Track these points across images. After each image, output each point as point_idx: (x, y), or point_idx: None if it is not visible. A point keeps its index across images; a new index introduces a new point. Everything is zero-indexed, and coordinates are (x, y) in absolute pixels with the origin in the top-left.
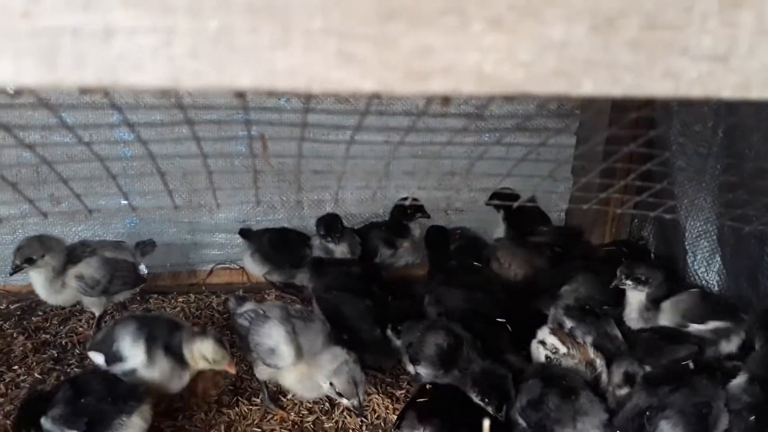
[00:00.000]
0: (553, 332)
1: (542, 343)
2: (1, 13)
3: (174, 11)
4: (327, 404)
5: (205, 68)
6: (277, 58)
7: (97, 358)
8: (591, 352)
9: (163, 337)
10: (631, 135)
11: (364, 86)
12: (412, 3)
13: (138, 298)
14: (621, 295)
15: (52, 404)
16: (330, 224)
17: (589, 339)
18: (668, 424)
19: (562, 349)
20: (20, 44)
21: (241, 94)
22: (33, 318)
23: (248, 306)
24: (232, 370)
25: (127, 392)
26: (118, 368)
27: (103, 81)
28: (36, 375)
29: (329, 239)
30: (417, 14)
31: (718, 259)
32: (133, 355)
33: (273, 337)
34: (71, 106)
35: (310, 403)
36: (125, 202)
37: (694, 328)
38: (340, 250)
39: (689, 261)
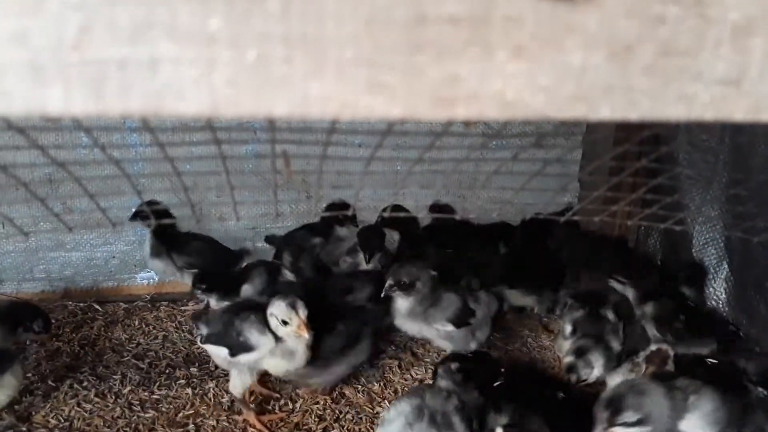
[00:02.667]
0: (654, 353)
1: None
2: (55, 45)
3: (215, 43)
4: (338, 411)
5: (243, 97)
6: (310, 86)
7: (220, 352)
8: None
9: None
10: (637, 149)
11: (392, 113)
12: (439, 35)
13: (149, 306)
14: None
15: None
16: None
17: None
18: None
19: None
20: (70, 74)
21: (272, 120)
22: None
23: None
24: (305, 334)
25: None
26: (244, 358)
27: (147, 109)
28: (49, 382)
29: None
30: (444, 45)
31: (726, 266)
32: (263, 344)
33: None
34: (86, 126)
35: (320, 410)
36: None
37: None
38: None
39: None
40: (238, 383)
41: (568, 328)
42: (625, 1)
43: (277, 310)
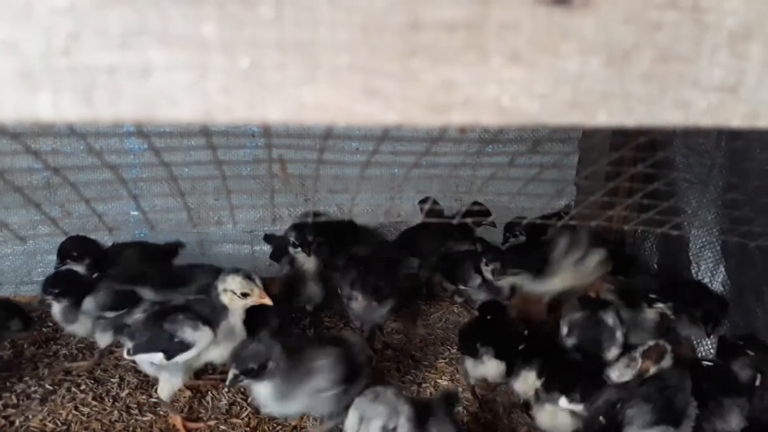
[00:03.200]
0: (647, 350)
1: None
2: (44, 51)
3: (208, 49)
4: None
5: (236, 103)
6: (304, 93)
7: (153, 358)
8: (652, 370)
9: (204, 309)
10: (634, 154)
11: (387, 119)
12: (434, 41)
13: None
14: None
15: None
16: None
17: None
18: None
19: (636, 361)
20: (60, 80)
21: (267, 127)
22: (44, 329)
23: None
24: (267, 301)
25: None
26: (182, 358)
27: (139, 115)
28: (47, 386)
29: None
30: (439, 51)
31: (723, 270)
32: (201, 338)
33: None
34: (83, 131)
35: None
36: (135, 213)
37: None
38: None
39: (693, 272)
40: (168, 387)
41: (565, 330)
42: (622, 7)
43: (235, 284)
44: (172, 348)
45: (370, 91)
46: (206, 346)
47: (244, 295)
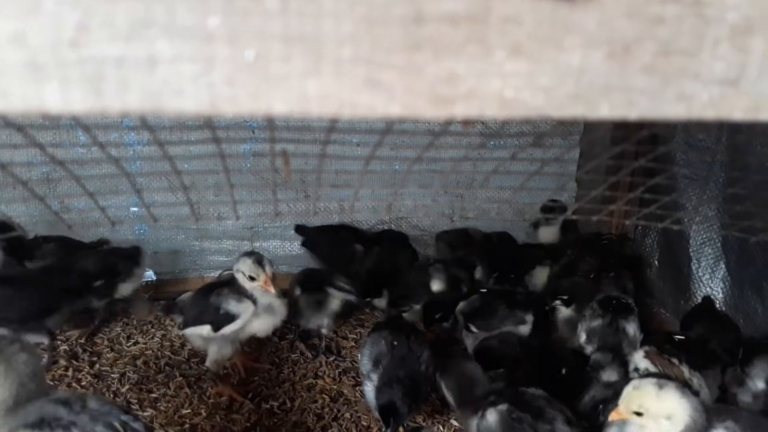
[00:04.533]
0: (648, 355)
1: (636, 370)
2: (52, 44)
3: (213, 41)
4: (336, 410)
5: (241, 95)
6: (309, 85)
7: (202, 331)
8: (686, 373)
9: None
10: (635, 149)
11: (391, 111)
12: (438, 34)
13: None
14: None
15: None
16: None
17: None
18: None
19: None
20: (68, 73)
21: (271, 119)
22: None
23: None
24: (271, 289)
25: None
26: (228, 329)
27: (146, 107)
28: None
29: None
30: (443, 44)
31: (723, 266)
32: (244, 310)
33: None
34: (84, 124)
35: (319, 409)
36: (135, 209)
37: None
38: None
39: (693, 268)
40: (218, 357)
41: (583, 336)
42: (625, 1)
43: (244, 266)
44: (219, 320)
45: (374, 83)
46: (249, 317)
47: (251, 278)
